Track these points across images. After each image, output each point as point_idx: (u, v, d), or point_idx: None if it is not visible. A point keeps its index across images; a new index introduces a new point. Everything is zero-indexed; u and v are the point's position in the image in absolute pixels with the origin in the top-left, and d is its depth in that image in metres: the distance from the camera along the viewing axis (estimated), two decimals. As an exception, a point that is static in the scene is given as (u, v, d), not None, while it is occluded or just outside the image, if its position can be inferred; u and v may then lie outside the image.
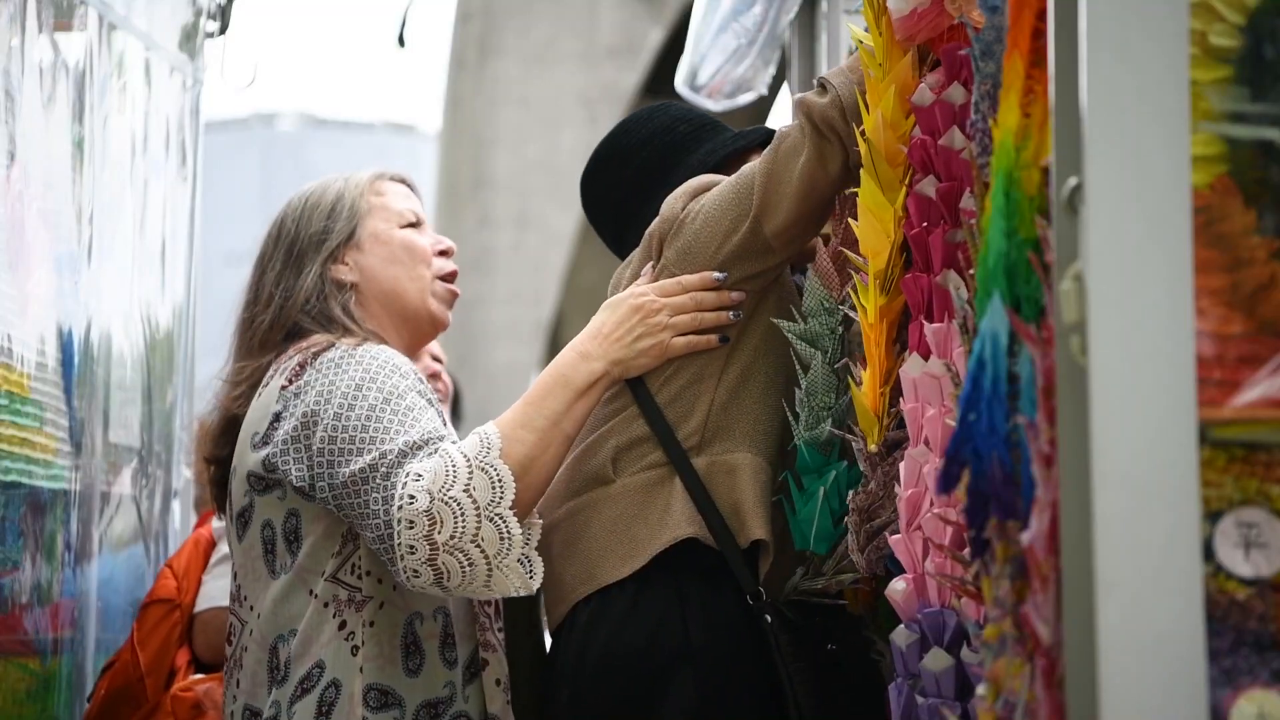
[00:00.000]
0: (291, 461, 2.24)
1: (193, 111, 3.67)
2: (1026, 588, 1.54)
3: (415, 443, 2.18)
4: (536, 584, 2.19)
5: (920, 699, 1.92)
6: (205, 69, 3.72)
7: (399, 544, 2.12)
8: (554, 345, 13.92)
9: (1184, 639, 1.38)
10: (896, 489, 2.07)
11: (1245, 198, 1.46)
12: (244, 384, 2.42)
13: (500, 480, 2.15)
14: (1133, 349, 1.41)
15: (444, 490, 2.12)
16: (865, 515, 2.17)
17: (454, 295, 2.53)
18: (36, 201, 2.82)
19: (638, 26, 12.20)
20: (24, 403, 2.75)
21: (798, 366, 2.30)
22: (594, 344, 2.32)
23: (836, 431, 2.26)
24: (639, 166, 2.55)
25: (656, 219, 2.40)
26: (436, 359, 3.39)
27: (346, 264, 2.45)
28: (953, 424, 1.65)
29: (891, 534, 2.14)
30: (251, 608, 2.30)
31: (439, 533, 2.11)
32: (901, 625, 2.00)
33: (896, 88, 2.14)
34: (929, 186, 2.05)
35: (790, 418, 2.32)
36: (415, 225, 2.52)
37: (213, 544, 2.94)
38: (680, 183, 2.42)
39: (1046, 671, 1.49)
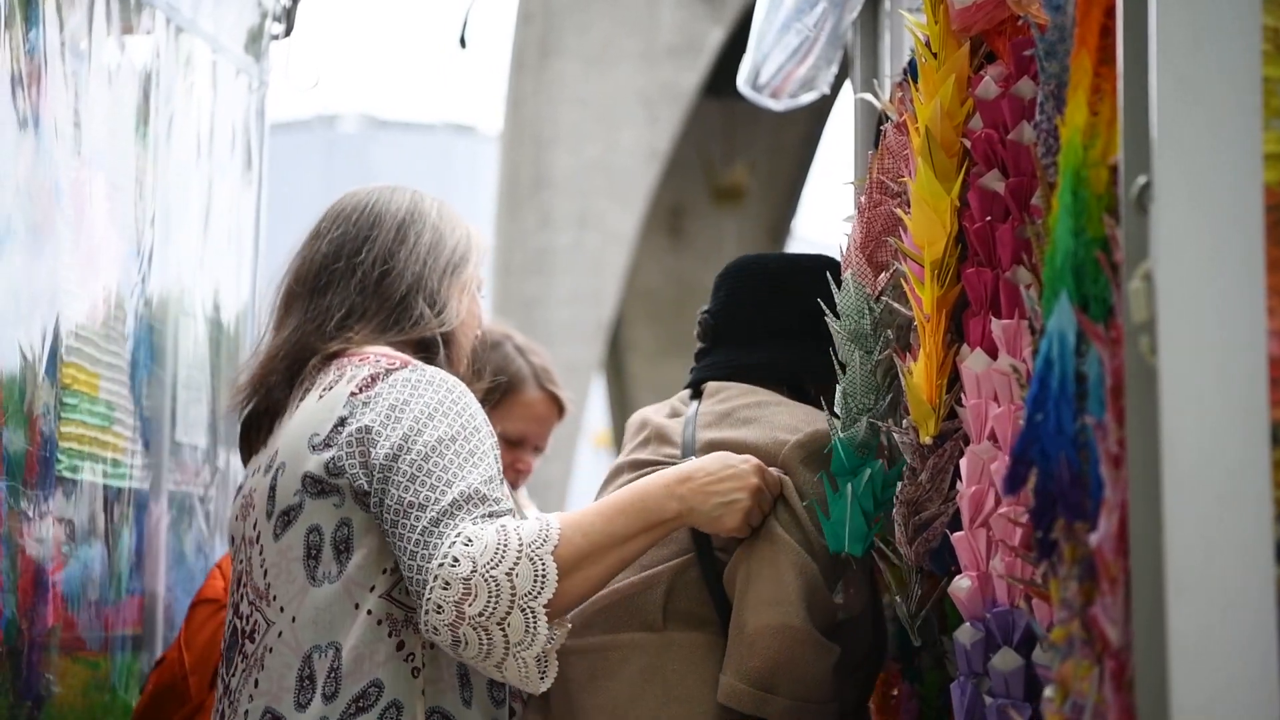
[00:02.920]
0: (359, 466, 2.20)
1: (258, 113, 3.70)
2: (1095, 589, 1.53)
3: (469, 495, 2.15)
4: (545, 687, 2.16)
5: (989, 699, 1.91)
6: (270, 71, 3.75)
7: (429, 597, 2.09)
8: (614, 345, 13.94)
9: (1256, 642, 1.37)
10: (958, 484, 2.05)
11: (1318, 195, 1.44)
12: (335, 327, 2.33)
13: (544, 575, 2.11)
14: (1203, 348, 1.40)
15: (489, 566, 2.09)
16: (913, 508, 2.15)
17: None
18: (105, 203, 2.85)
19: (698, 26, 12.20)
20: (94, 402, 2.79)
21: (836, 366, 2.29)
22: (684, 486, 2.25)
23: (878, 423, 2.24)
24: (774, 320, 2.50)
25: (788, 432, 2.33)
26: (538, 448, 3.39)
27: (460, 298, 2.42)
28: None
29: (940, 527, 2.13)
30: (283, 609, 2.24)
31: (470, 605, 2.08)
32: (966, 623, 1.99)
33: (955, 77, 2.13)
34: (995, 181, 2.04)
35: (829, 419, 2.29)
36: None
37: None
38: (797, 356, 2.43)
39: (1115, 674, 1.48)
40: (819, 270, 2.43)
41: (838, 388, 2.29)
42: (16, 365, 2.52)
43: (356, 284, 2.36)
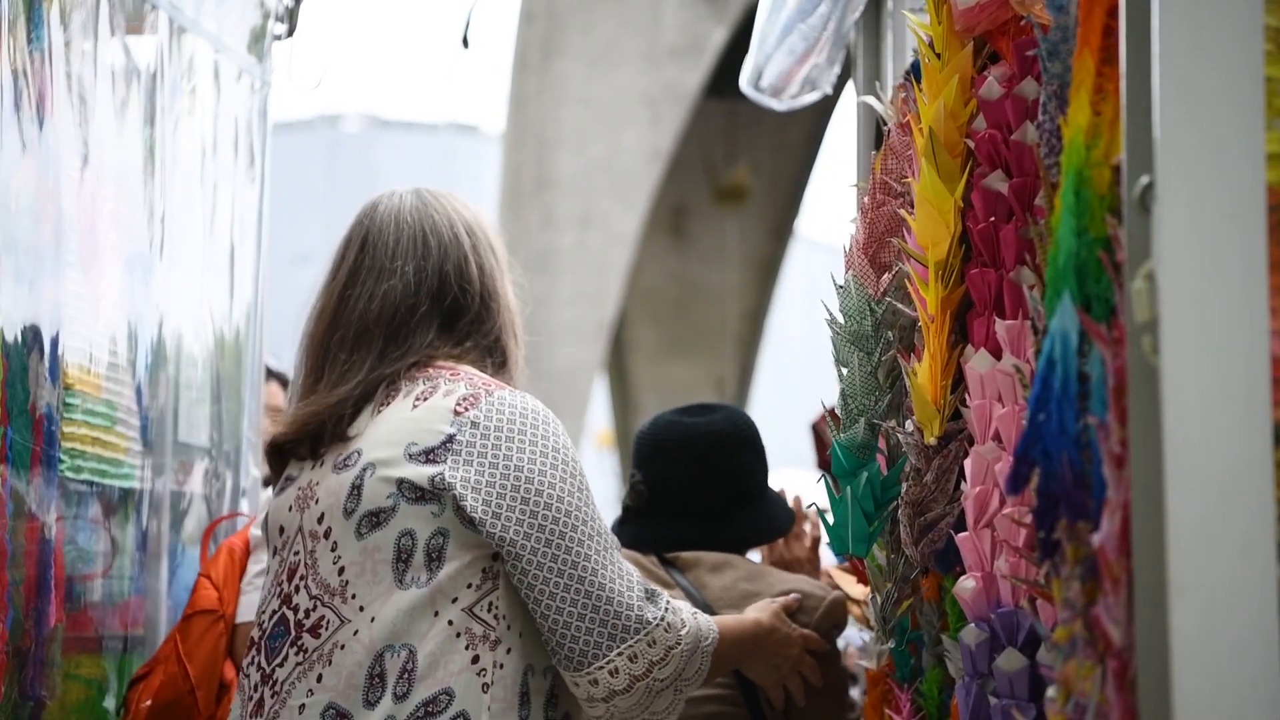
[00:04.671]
0: (476, 498, 2.23)
1: (261, 113, 3.70)
2: (1097, 589, 1.53)
3: (607, 532, 2.30)
4: None
5: (993, 699, 1.91)
6: (273, 71, 3.75)
7: (630, 643, 2.22)
8: (617, 345, 13.95)
9: (1258, 641, 1.37)
10: (963, 484, 2.06)
11: (1320, 195, 1.44)
12: (420, 350, 2.36)
13: (703, 670, 2.30)
14: (1205, 348, 1.40)
15: (685, 646, 2.27)
16: (918, 508, 2.16)
17: None
18: (109, 204, 2.85)
19: (701, 26, 12.20)
20: (96, 402, 2.79)
21: (836, 366, 2.32)
22: (768, 638, 2.54)
23: (879, 424, 2.26)
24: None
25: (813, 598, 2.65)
26: None
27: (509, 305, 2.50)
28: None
29: (945, 528, 2.13)
30: (362, 608, 2.24)
31: (660, 670, 2.24)
32: (970, 624, 1.99)
33: (958, 77, 2.14)
34: (998, 181, 2.04)
35: (829, 421, 2.36)
36: None
37: (247, 553, 2.87)
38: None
39: (1118, 674, 1.48)
40: (738, 439, 2.79)
41: (837, 389, 2.32)
42: (19, 365, 2.52)
43: (440, 316, 2.39)
